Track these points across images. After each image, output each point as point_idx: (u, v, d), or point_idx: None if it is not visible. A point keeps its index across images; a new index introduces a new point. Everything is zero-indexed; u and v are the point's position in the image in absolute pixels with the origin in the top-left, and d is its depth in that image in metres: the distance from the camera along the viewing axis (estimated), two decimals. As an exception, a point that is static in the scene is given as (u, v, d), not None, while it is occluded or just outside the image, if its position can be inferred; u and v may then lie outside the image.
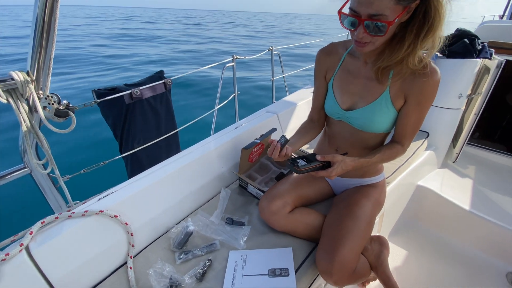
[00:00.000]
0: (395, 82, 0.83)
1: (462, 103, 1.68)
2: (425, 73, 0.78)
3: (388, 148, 0.90)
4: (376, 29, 0.70)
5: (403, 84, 0.82)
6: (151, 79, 1.54)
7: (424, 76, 0.78)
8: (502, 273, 1.36)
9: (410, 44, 0.73)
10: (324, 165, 0.86)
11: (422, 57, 0.77)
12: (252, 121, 1.49)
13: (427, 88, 0.79)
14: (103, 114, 1.47)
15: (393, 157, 0.91)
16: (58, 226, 0.82)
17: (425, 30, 0.70)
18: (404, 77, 0.81)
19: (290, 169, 0.86)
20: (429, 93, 0.80)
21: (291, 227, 0.98)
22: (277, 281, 0.83)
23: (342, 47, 0.96)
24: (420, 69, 0.78)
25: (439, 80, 0.80)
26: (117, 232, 0.91)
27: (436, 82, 0.79)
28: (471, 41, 1.59)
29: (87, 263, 0.84)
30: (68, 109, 0.87)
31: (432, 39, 0.72)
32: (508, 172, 1.89)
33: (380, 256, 0.99)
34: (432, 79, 0.78)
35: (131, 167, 1.56)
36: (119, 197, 0.94)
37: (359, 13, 0.69)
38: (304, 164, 0.84)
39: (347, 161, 0.84)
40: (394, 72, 0.82)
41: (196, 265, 0.90)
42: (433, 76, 0.78)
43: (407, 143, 0.91)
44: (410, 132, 0.89)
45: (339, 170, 0.83)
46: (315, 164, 0.84)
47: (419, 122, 0.87)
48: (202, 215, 1.10)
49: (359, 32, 0.72)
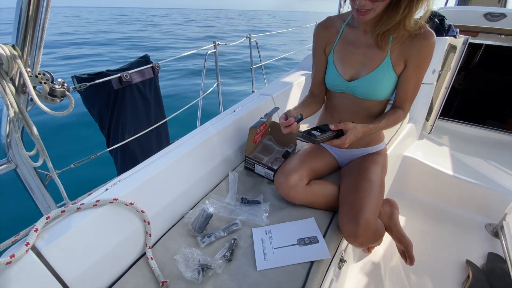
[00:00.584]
0: (395, 46, 0.87)
1: (435, 78, 1.84)
2: (422, 34, 0.83)
3: (391, 113, 0.95)
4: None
5: (403, 48, 0.87)
6: (137, 64, 1.41)
7: (421, 37, 0.84)
8: (481, 226, 1.53)
9: (406, 6, 0.77)
10: (337, 134, 0.88)
11: (417, 20, 0.82)
12: (249, 104, 1.46)
13: (425, 49, 0.85)
14: (86, 103, 1.30)
15: (397, 121, 0.96)
16: (66, 221, 0.73)
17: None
18: (402, 40, 0.85)
19: (307, 140, 0.87)
20: (426, 54, 0.86)
21: (311, 199, 0.99)
22: (308, 249, 0.84)
23: (339, 20, 0.98)
24: (417, 30, 0.83)
25: (435, 42, 0.86)
26: (133, 221, 0.83)
27: (433, 43, 0.85)
28: (441, 21, 1.74)
29: (103, 258, 0.76)
30: (65, 89, 0.76)
31: (427, 1, 0.77)
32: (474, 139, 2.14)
33: (393, 216, 1.05)
34: (429, 40, 0.84)
35: (122, 161, 1.42)
36: (129, 185, 0.86)
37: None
38: (320, 134, 0.85)
39: (358, 127, 0.86)
40: (393, 36, 0.86)
41: (220, 247, 0.87)
42: (430, 37, 0.84)
43: (408, 107, 0.97)
44: (410, 96, 0.94)
45: (352, 137, 0.85)
46: (329, 134, 0.86)
47: (417, 86, 0.93)
48: (215, 198, 1.06)
49: (361, 0, 0.74)
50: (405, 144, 1.77)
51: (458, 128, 2.27)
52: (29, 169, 0.91)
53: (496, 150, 1.99)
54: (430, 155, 1.82)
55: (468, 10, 2.68)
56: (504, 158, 1.87)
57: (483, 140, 2.14)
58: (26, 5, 0.67)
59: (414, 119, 1.90)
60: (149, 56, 1.50)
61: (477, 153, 1.93)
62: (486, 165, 1.80)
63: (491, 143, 2.10)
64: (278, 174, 1.03)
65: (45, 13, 0.69)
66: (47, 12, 0.69)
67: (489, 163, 1.82)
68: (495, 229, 1.49)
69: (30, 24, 0.69)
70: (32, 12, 0.69)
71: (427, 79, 1.81)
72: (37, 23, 0.71)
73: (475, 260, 1.31)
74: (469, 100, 2.73)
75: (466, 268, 1.29)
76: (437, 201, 1.68)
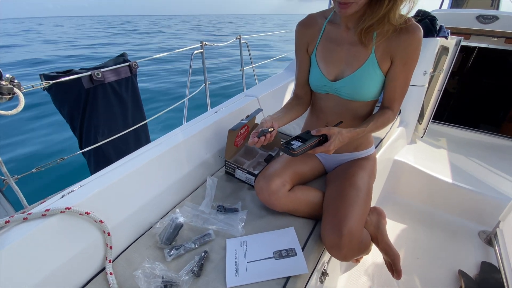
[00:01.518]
0: (379, 43, 0.81)
1: (426, 80, 1.79)
2: (408, 28, 0.77)
3: (379, 115, 0.89)
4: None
5: (388, 44, 0.81)
6: (114, 62, 1.34)
7: (407, 31, 0.77)
8: (474, 232, 1.47)
9: (389, 0, 0.72)
10: (320, 141, 0.81)
11: (402, 14, 0.77)
12: (232, 105, 1.39)
13: (411, 44, 0.79)
14: (56, 102, 1.22)
15: (386, 123, 0.90)
16: (10, 233, 0.65)
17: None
18: (387, 35, 0.79)
19: (285, 153, 0.78)
20: (413, 50, 0.80)
21: (292, 206, 0.92)
22: (285, 262, 0.76)
23: (321, 17, 0.92)
24: (403, 23, 0.77)
25: (422, 36, 0.80)
26: (90, 233, 0.75)
27: (419, 38, 0.79)
28: (432, 21, 1.70)
29: (54, 274, 0.67)
30: (13, 86, 0.68)
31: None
32: (467, 143, 2.09)
33: (380, 226, 0.98)
34: (415, 34, 0.78)
35: (95, 165, 1.33)
36: (88, 191, 0.78)
37: None
38: (299, 145, 0.77)
39: (343, 132, 0.80)
40: (377, 32, 0.80)
41: (190, 260, 0.79)
42: (416, 31, 0.78)
43: (397, 107, 0.91)
44: (399, 95, 0.88)
45: (337, 142, 0.78)
46: (311, 142, 0.78)
47: (406, 84, 0.87)
48: (189, 206, 0.98)
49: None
50: (396, 147, 1.71)
51: (451, 132, 2.23)
52: (-19, 174, 0.83)
53: (490, 155, 1.94)
54: (421, 159, 1.77)
55: (461, 13, 2.66)
56: (498, 163, 1.82)
57: (477, 144, 2.09)
58: None
59: (405, 122, 1.84)
60: (127, 54, 1.43)
61: (471, 157, 1.88)
62: (479, 169, 1.74)
63: (485, 147, 2.05)
64: (259, 179, 0.96)
65: None
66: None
67: (482, 168, 1.77)
68: (488, 236, 1.43)
69: None
70: None
71: (417, 81, 1.76)
72: None
73: (468, 269, 1.25)
74: (462, 103, 2.70)
75: (459, 278, 1.22)
76: (429, 207, 1.62)
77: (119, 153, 1.36)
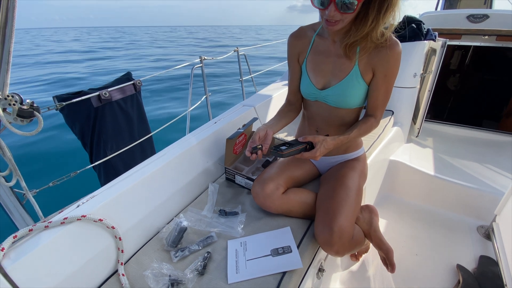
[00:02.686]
0: (362, 56, 0.89)
1: (417, 81, 1.85)
2: (387, 46, 0.85)
3: (363, 122, 0.96)
4: (345, 7, 0.75)
5: (370, 58, 0.88)
6: (119, 81, 1.45)
7: (386, 48, 0.85)
8: (473, 228, 1.50)
9: (373, 19, 0.79)
10: (307, 147, 0.89)
11: (384, 31, 0.84)
12: (230, 115, 1.48)
13: (390, 59, 0.86)
14: (68, 121, 1.33)
15: (369, 130, 0.97)
16: (33, 239, 0.73)
17: (386, 6, 0.77)
18: (369, 51, 0.87)
19: (274, 155, 0.88)
20: (393, 64, 0.87)
21: (286, 207, 0.98)
22: (281, 259, 0.82)
23: (311, 30, 1.01)
24: (383, 42, 0.85)
25: (401, 51, 0.87)
26: (103, 238, 0.83)
27: (398, 53, 0.86)
28: (418, 26, 1.77)
29: (72, 276, 0.75)
30: (33, 109, 0.78)
31: (393, 14, 0.79)
32: (464, 141, 2.12)
33: (372, 222, 1.04)
34: (394, 50, 0.85)
35: (105, 177, 1.43)
36: (100, 201, 0.86)
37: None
38: (286, 148, 0.86)
39: (328, 140, 0.88)
40: (360, 47, 0.88)
41: (194, 260, 0.86)
42: (395, 47, 0.85)
43: (380, 114, 0.98)
44: (381, 104, 0.95)
45: (322, 149, 0.87)
46: (297, 147, 0.87)
47: (387, 94, 0.94)
48: (192, 211, 1.05)
49: (331, 11, 0.76)
50: (391, 148, 1.76)
51: (448, 130, 2.26)
52: (5, 189, 0.92)
53: (487, 151, 1.97)
54: (418, 158, 1.81)
55: (451, 13, 2.73)
56: (495, 159, 1.85)
57: (474, 141, 2.12)
58: None
59: (400, 123, 1.90)
60: (131, 73, 1.54)
61: (467, 154, 1.92)
62: (476, 166, 1.78)
63: (482, 144, 2.08)
64: (255, 184, 1.03)
65: (10, 37, 0.72)
66: (12, 35, 0.72)
67: (479, 164, 1.80)
68: (486, 231, 1.46)
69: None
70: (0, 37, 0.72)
71: (409, 83, 1.82)
72: (5, 47, 0.73)
73: (467, 264, 1.28)
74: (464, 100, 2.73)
75: (457, 272, 1.25)
76: (427, 205, 1.65)
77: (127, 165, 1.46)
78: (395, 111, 1.88)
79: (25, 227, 1.00)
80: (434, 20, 2.63)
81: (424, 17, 2.71)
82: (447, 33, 2.24)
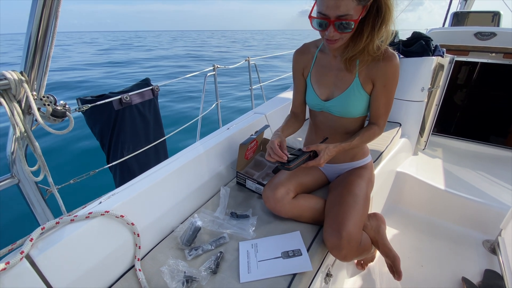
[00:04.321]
0: (362, 69, 0.94)
1: (424, 95, 1.89)
2: (384, 58, 0.90)
3: (366, 130, 1.01)
4: (343, 27, 0.81)
5: (368, 70, 0.94)
6: (138, 86, 1.53)
7: (384, 60, 0.91)
8: (478, 242, 1.51)
9: (368, 35, 0.85)
10: (311, 156, 0.93)
11: (379, 45, 0.89)
12: (242, 122, 1.53)
13: (388, 70, 0.91)
14: (89, 122, 1.40)
15: (372, 137, 1.02)
16: (60, 231, 0.78)
17: (379, 23, 0.83)
18: (367, 63, 0.93)
19: (281, 169, 0.92)
20: (391, 75, 0.92)
21: (296, 212, 1.02)
22: (291, 261, 0.86)
23: (314, 46, 1.07)
24: (379, 55, 0.90)
25: (398, 63, 0.92)
26: (123, 233, 0.87)
27: (395, 65, 0.91)
28: (426, 42, 1.83)
29: (93, 268, 0.79)
30: (66, 110, 0.84)
31: (386, 29, 0.85)
32: (470, 155, 2.14)
33: (379, 230, 1.06)
34: (391, 62, 0.91)
35: (120, 176, 1.48)
36: (121, 198, 0.91)
37: (328, 15, 0.79)
38: (292, 160, 0.90)
39: (330, 147, 0.93)
40: (359, 60, 0.93)
41: (207, 259, 0.89)
42: (392, 59, 0.91)
43: (382, 122, 1.02)
44: (383, 112, 1.00)
45: (326, 156, 0.91)
46: (302, 157, 0.91)
47: (389, 103, 0.99)
48: (206, 213, 1.09)
49: (330, 31, 0.82)
50: (398, 160, 1.79)
51: (455, 144, 2.29)
52: (30, 184, 0.98)
53: (493, 166, 1.99)
54: (425, 170, 1.83)
55: (459, 31, 2.79)
56: (501, 174, 1.86)
57: (480, 156, 2.14)
58: (35, 35, 0.77)
59: (407, 135, 1.93)
60: (149, 79, 1.62)
61: (474, 168, 1.93)
62: (483, 180, 1.79)
63: (489, 159, 2.10)
64: (266, 188, 1.07)
65: (51, 42, 0.79)
66: (53, 41, 0.79)
67: (486, 178, 1.81)
68: (492, 245, 1.46)
69: (37, 52, 0.79)
70: (40, 42, 0.78)
71: (416, 97, 1.87)
72: (44, 52, 0.80)
73: (472, 277, 1.29)
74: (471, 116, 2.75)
75: (462, 285, 1.26)
76: (433, 217, 1.67)
77: (142, 166, 1.52)
78: (402, 124, 1.92)
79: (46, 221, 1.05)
80: (442, 36, 2.69)
81: (432, 33, 2.77)
82: (455, 49, 2.29)
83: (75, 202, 1.14)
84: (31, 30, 0.76)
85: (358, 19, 0.79)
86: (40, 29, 0.77)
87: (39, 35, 0.77)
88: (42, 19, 0.76)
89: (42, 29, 0.77)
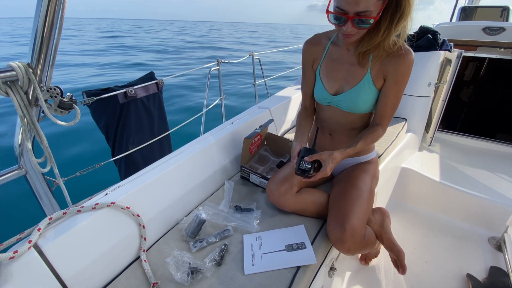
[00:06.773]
0: (374, 64, 0.92)
1: (431, 91, 1.87)
2: (399, 54, 0.88)
3: (369, 132, 0.98)
4: (361, 23, 0.79)
5: (382, 66, 0.92)
6: (143, 80, 1.53)
7: (399, 56, 0.89)
8: (484, 239, 1.49)
9: (385, 29, 0.83)
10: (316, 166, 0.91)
11: (396, 40, 0.87)
12: (246, 117, 1.53)
13: (402, 66, 0.89)
14: (94, 115, 1.41)
15: (375, 139, 0.99)
16: (67, 222, 0.79)
17: (398, 17, 0.80)
18: (381, 59, 0.91)
19: (304, 177, 0.91)
20: (404, 71, 0.90)
21: (300, 206, 1.02)
22: (296, 254, 0.86)
23: (325, 38, 1.05)
24: (395, 51, 0.88)
25: (413, 60, 0.90)
26: (129, 224, 0.88)
27: (410, 61, 0.89)
28: (434, 36, 1.80)
29: (100, 258, 0.80)
30: (72, 102, 0.85)
31: (404, 24, 0.83)
32: (476, 152, 2.11)
33: (383, 224, 1.06)
34: (406, 58, 0.88)
35: (125, 170, 1.50)
36: (127, 190, 0.92)
37: (347, 11, 0.77)
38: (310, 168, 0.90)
39: (334, 155, 0.89)
40: (373, 55, 0.91)
41: (211, 251, 0.90)
42: (408, 55, 0.89)
43: (386, 123, 1.00)
44: (389, 111, 0.97)
45: (332, 165, 0.89)
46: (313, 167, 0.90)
47: (397, 101, 0.97)
48: (210, 205, 1.10)
49: (348, 27, 0.80)
50: (403, 156, 1.77)
51: (460, 141, 2.26)
52: (38, 175, 0.99)
53: (499, 162, 1.96)
54: (430, 166, 1.82)
55: (467, 25, 2.73)
56: (507, 170, 1.84)
57: (486, 153, 2.11)
58: (41, 27, 0.77)
59: (412, 131, 1.91)
60: (154, 73, 1.62)
61: (480, 165, 1.91)
62: (489, 177, 1.77)
63: (495, 156, 2.07)
64: (270, 182, 1.07)
65: (58, 34, 0.79)
66: (59, 33, 0.79)
67: (492, 175, 1.79)
68: (498, 242, 1.45)
69: (44, 44, 0.79)
70: (46, 34, 0.78)
71: (423, 92, 1.84)
72: (50, 43, 0.80)
73: (477, 274, 1.28)
74: (478, 112, 2.71)
75: (467, 281, 1.25)
76: (438, 213, 1.65)
77: (146, 159, 1.53)
78: (408, 119, 1.90)
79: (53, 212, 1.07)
80: (449, 31, 2.64)
81: (439, 27, 2.72)
82: (463, 44, 2.25)
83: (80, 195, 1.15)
84: (37, 22, 0.76)
85: (378, 16, 0.77)
86: (47, 21, 0.77)
87: (45, 27, 0.77)
88: (49, 11, 0.76)
89: (48, 20, 0.77)
